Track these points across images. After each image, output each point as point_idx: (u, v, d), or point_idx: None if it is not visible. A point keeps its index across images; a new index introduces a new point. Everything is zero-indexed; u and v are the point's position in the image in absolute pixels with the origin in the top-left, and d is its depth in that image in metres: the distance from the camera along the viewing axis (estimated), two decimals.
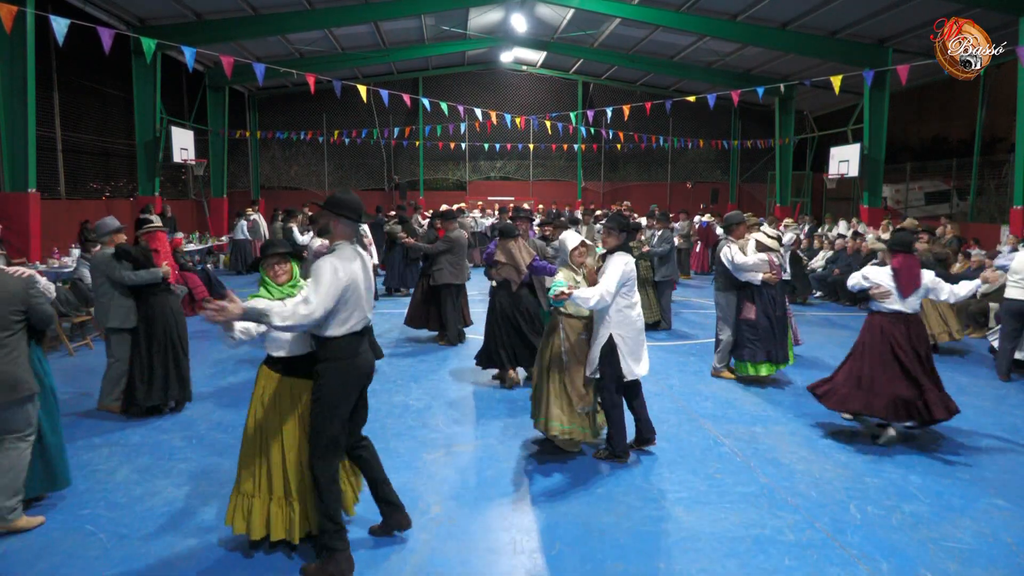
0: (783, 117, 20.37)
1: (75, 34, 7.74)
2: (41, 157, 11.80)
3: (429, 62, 22.21)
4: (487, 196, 22.32)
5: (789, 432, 5.32)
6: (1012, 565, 3.41)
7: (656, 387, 6.53)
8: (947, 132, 24.01)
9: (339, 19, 15.26)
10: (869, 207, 15.59)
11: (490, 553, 3.49)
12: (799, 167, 22.28)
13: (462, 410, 5.83)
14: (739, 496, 4.15)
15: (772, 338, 6.37)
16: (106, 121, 15.95)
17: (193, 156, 16.68)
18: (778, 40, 15.42)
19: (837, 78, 10.87)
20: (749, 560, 3.42)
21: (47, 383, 3.93)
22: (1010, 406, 6.08)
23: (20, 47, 9.72)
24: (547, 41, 19.95)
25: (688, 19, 15.05)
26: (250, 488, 3.35)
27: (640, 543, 3.59)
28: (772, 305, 6.39)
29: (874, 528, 3.76)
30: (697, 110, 22.25)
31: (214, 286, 10.85)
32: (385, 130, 21.75)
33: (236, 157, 21.87)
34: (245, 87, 21.76)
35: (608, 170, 24.57)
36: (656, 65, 19.82)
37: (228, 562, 3.38)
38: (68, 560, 3.38)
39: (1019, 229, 11.23)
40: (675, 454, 4.83)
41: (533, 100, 23.55)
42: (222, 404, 5.90)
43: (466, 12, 17.11)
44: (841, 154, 17.00)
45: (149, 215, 13.00)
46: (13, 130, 9.96)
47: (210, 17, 14.53)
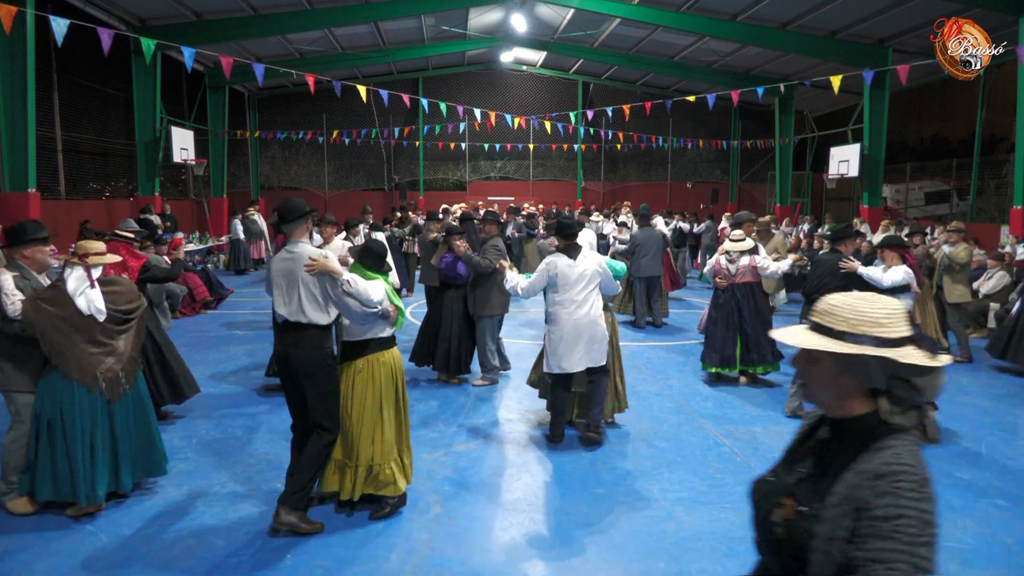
0: (783, 117, 20.38)
1: (75, 34, 7.74)
2: (41, 157, 11.79)
3: (429, 62, 22.20)
4: (487, 196, 22.32)
5: (789, 432, 5.31)
6: (1012, 565, 3.41)
7: (656, 387, 6.53)
8: (947, 132, 24.03)
9: (339, 19, 15.26)
10: (869, 207, 15.59)
11: (490, 553, 3.49)
12: (799, 167, 22.28)
13: (462, 410, 5.83)
14: (739, 496, 4.15)
15: (722, 341, 6.36)
16: (106, 121, 15.96)
17: (193, 156, 16.67)
18: (778, 40, 15.42)
19: (837, 78, 10.87)
20: (749, 560, 3.39)
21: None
22: (1010, 406, 6.08)
23: (20, 47, 9.72)
24: (547, 41, 19.95)
25: (688, 19, 15.05)
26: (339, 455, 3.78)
27: (640, 543, 3.59)
28: (728, 309, 6.34)
29: None
30: (697, 110, 22.24)
31: (214, 286, 10.85)
32: (385, 130, 21.75)
33: (236, 157, 21.86)
34: (245, 87, 21.76)
35: (608, 170, 24.57)
36: (656, 65, 19.82)
37: (228, 562, 3.38)
38: (68, 560, 3.38)
39: (1019, 229, 11.23)
40: (675, 454, 4.84)
41: (533, 100, 23.54)
42: (222, 404, 5.90)
43: (466, 12, 17.10)
44: (841, 154, 17.00)
45: (149, 215, 13.04)
46: (13, 130, 9.96)
47: (210, 17, 14.53)
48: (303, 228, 3.77)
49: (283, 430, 5.23)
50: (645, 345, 8.40)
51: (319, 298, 3.65)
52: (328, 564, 3.36)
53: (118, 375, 3.82)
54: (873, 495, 1.27)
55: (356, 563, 3.37)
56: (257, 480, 4.34)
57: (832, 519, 1.32)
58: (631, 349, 8.10)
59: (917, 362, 1.32)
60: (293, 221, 3.73)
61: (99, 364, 3.75)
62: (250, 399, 6.05)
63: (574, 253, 4.84)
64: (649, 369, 7.23)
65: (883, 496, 1.26)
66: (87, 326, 3.74)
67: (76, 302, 3.69)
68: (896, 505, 1.24)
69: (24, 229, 3.92)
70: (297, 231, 3.75)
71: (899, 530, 1.24)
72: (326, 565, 3.35)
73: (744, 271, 6.37)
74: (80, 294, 3.71)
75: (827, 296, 1.44)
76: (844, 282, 5.38)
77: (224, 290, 11.09)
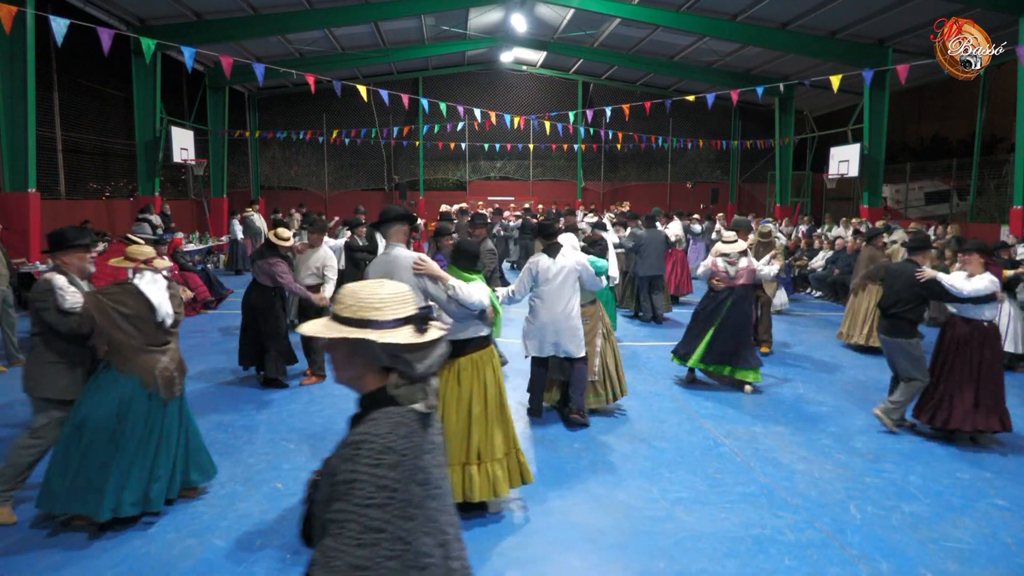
0: (783, 117, 20.38)
1: (75, 34, 7.74)
2: (41, 157, 11.80)
3: (429, 62, 22.21)
4: (487, 196, 22.33)
5: (789, 432, 5.32)
6: (1012, 565, 3.41)
7: (656, 387, 6.53)
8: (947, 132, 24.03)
9: (339, 19, 15.26)
10: (869, 207, 15.59)
11: (489, 553, 3.49)
12: (799, 167, 22.27)
13: None
14: (739, 496, 4.15)
15: (690, 334, 6.43)
16: (106, 121, 15.97)
17: (193, 156, 16.67)
18: (778, 40, 15.42)
19: (836, 78, 10.87)
20: (749, 560, 3.42)
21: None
22: (1010, 406, 6.06)
23: (20, 47, 9.72)
24: (547, 41, 19.95)
25: (688, 19, 15.05)
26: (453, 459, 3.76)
27: (640, 543, 3.59)
28: (714, 307, 6.28)
29: (874, 528, 3.76)
30: (697, 110, 22.24)
31: (214, 286, 10.85)
32: (385, 130, 21.76)
33: (236, 157, 21.86)
34: (245, 87, 21.76)
35: (608, 170, 24.57)
36: (656, 65, 19.82)
37: (228, 561, 3.38)
38: (68, 560, 3.38)
39: (1019, 229, 11.23)
40: (675, 454, 4.84)
41: (533, 100, 23.54)
42: (221, 404, 5.89)
43: (466, 12, 17.11)
44: (841, 154, 17.00)
45: (148, 215, 13.04)
46: (13, 130, 9.96)
47: (210, 17, 14.53)
48: (400, 231, 3.89)
49: (282, 430, 5.23)
50: (645, 345, 8.40)
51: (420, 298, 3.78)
52: None
53: (173, 374, 3.80)
54: (340, 461, 1.38)
55: None
56: (257, 480, 4.34)
57: (321, 486, 1.44)
58: (631, 349, 8.10)
59: (402, 341, 1.47)
60: (389, 223, 3.88)
61: (156, 363, 3.73)
62: (250, 399, 6.04)
63: (554, 252, 5.21)
64: (649, 369, 7.23)
65: (345, 462, 1.37)
66: (149, 327, 3.71)
67: (157, 308, 3.68)
68: (352, 470, 1.34)
69: (66, 235, 3.90)
70: (394, 234, 3.88)
71: (352, 493, 1.33)
72: None
73: (742, 273, 6.31)
74: (157, 299, 3.71)
75: (345, 286, 1.59)
76: (923, 292, 5.14)
77: (224, 290, 11.10)
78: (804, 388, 6.51)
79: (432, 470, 1.45)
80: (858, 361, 7.68)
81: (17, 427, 5.33)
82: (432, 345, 1.54)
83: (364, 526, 1.33)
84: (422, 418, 1.47)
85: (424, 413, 1.48)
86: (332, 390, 6.34)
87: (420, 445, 1.44)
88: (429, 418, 1.50)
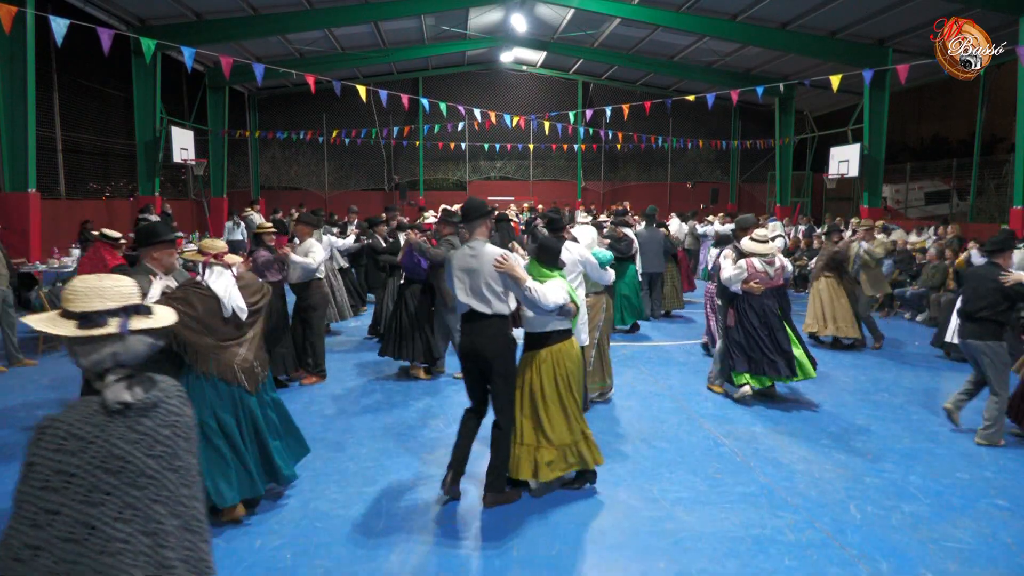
0: (783, 117, 20.38)
1: (75, 34, 7.74)
2: (41, 157, 11.80)
3: (429, 62, 22.21)
4: (487, 196, 22.32)
5: (789, 432, 5.32)
6: (1012, 565, 3.41)
7: (656, 387, 6.53)
8: (947, 132, 24.04)
9: (339, 19, 15.27)
10: (869, 207, 15.59)
11: (489, 553, 3.49)
12: (799, 167, 22.28)
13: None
14: (739, 496, 4.15)
15: (756, 349, 5.87)
16: (106, 121, 15.97)
17: (193, 156, 16.67)
18: (778, 40, 15.42)
19: (836, 77, 10.87)
20: (749, 560, 3.42)
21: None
22: None
23: (20, 47, 9.73)
24: (547, 41, 19.95)
25: (688, 19, 15.05)
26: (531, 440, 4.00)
27: (640, 543, 3.59)
28: (757, 314, 5.89)
29: (874, 528, 3.76)
30: (697, 110, 22.25)
31: None
32: (385, 130, 21.76)
33: (236, 157, 21.86)
34: (245, 87, 21.76)
35: (608, 170, 24.57)
36: (656, 65, 19.82)
37: (228, 562, 3.38)
38: None
39: (1019, 229, 11.22)
40: (675, 454, 4.84)
41: (533, 100, 23.54)
42: None
43: (466, 12, 17.11)
44: (841, 154, 17.00)
45: (148, 215, 13.03)
46: (13, 130, 9.97)
47: (210, 17, 14.53)
48: (484, 227, 4.04)
49: None
50: (645, 345, 8.40)
51: (501, 292, 3.90)
52: (328, 565, 3.36)
53: (252, 364, 3.76)
54: (28, 444, 1.49)
55: (356, 563, 3.37)
56: None
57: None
58: (631, 349, 8.11)
59: (64, 333, 1.54)
60: (475, 220, 4.02)
61: (234, 357, 3.68)
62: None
63: None
64: (649, 369, 7.23)
65: (29, 445, 1.48)
66: (220, 323, 3.63)
67: (223, 302, 3.60)
68: (34, 453, 1.45)
69: (155, 231, 3.87)
70: (478, 229, 4.02)
71: (30, 475, 1.44)
72: (326, 566, 3.35)
73: (779, 273, 5.99)
74: (228, 296, 3.64)
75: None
76: (1010, 296, 4.92)
77: None
78: (804, 388, 6.51)
79: (138, 460, 1.51)
80: (858, 360, 7.69)
81: (17, 427, 5.33)
82: (97, 341, 1.57)
83: (39, 508, 1.41)
84: (127, 408, 1.53)
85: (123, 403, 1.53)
86: (332, 390, 6.35)
87: (123, 435, 1.51)
88: (143, 409, 1.55)
